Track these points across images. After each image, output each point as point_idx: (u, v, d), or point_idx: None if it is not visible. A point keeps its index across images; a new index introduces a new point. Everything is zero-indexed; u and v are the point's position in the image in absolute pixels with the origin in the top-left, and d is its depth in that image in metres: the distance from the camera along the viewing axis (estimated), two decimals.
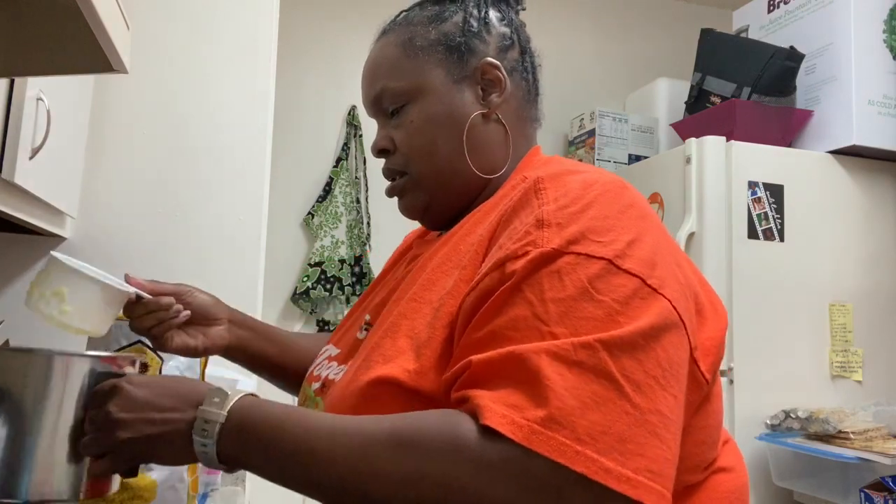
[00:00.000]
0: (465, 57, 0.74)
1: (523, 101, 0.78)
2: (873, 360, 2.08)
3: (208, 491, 1.24)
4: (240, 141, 1.66)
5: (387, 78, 0.75)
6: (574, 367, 0.51)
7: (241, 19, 1.71)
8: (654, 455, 0.50)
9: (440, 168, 0.74)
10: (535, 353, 0.51)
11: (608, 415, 0.49)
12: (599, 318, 0.53)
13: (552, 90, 3.23)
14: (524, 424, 0.49)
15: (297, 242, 2.66)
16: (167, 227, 1.62)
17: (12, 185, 1.08)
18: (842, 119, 2.11)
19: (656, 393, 0.51)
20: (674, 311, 0.55)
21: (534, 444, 0.48)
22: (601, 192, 0.60)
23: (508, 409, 0.50)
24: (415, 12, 0.78)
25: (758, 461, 1.91)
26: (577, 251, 0.55)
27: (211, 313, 0.87)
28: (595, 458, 0.48)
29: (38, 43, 0.90)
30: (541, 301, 0.54)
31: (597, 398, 0.50)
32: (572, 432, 0.48)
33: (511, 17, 0.79)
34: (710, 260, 1.98)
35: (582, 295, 0.54)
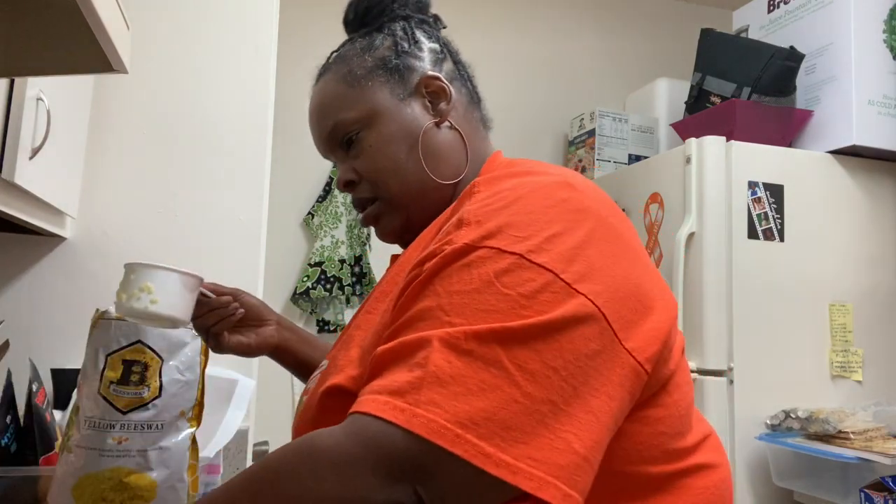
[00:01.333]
0: (405, 75, 0.78)
1: (469, 105, 0.81)
2: (873, 360, 2.08)
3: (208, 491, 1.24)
4: (240, 141, 1.66)
5: (336, 112, 0.78)
6: (463, 356, 0.51)
7: (242, 19, 1.71)
8: (539, 444, 0.50)
9: (408, 183, 0.76)
10: (427, 340, 0.53)
11: (493, 402, 0.50)
12: (501, 310, 0.53)
13: (552, 90, 3.24)
14: (405, 408, 0.50)
15: (297, 242, 2.66)
16: (167, 227, 1.62)
17: (12, 185, 1.08)
18: (842, 119, 2.11)
19: (552, 383, 0.52)
20: (590, 305, 0.55)
21: (413, 426, 0.49)
22: (532, 190, 0.61)
23: (390, 395, 0.51)
24: (346, 48, 0.82)
25: (758, 461, 1.91)
26: (489, 245, 0.56)
27: (262, 314, 0.93)
28: (474, 443, 0.48)
29: (38, 43, 0.90)
30: (447, 293, 0.55)
31: (483, 386, 0.50)
32: (453, 416, 0.49)
33: (437, 35, 0.84)
34: (710, 260, 1.98)
35: (486, 287, 0.54)
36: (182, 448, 0.95)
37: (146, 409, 0.92)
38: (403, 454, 0.49)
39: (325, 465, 0.50)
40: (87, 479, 0.89)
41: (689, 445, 0.64)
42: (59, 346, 1.52)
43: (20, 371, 1.23)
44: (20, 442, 1.17)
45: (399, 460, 0.49)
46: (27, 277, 1.55)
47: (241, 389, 1.32)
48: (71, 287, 1.55)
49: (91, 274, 1.57)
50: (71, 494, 0.89)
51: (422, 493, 0.50)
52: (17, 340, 1.34)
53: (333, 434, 0.51)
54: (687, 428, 0.65)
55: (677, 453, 0.63)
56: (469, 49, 3.08)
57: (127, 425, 0.91)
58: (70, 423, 0.94)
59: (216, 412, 1.20)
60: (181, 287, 0.79)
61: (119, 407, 0.91)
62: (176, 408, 0.95)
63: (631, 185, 2.34)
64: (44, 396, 1.22)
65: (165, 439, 0.93)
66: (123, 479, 0.90)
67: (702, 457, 0.65)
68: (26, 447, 1.17)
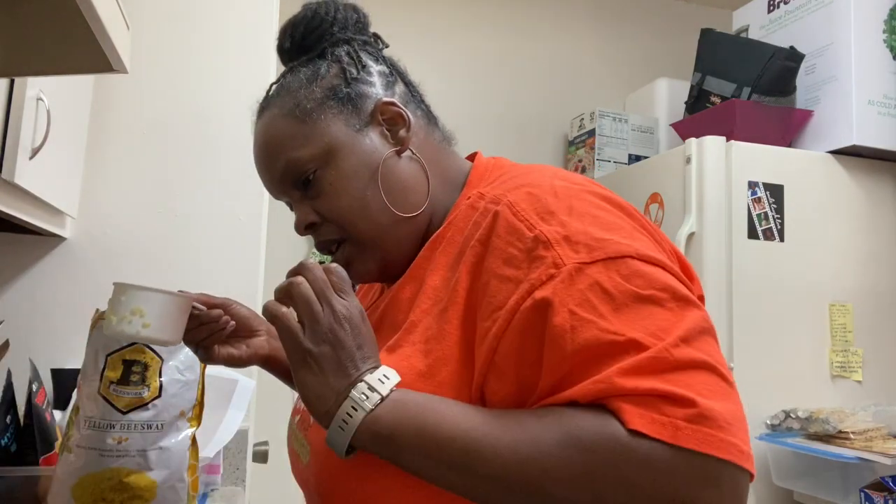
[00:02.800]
0: (357, 104, 0.72)
1: (427, 127, 0.77)
2: (873, 360, 2.08)
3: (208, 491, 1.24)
4: (240, 141, 1.67)
5: (287, 151, 0.71)
6: (677, 369, 0.53)
7: (242, 19, 1.71)
8: (745, 425, 0.54)
9: (377, 220, 0.71)
10: (634, 377, 0.52)
11: (725, 399, 0.53)
12: (657, 312, 0.55)
13: (552, 90, 3.23)
14: (667, 422, 0.51)
15: (297, 242, 2.66)
16: (167, 227, 1.62)
17: (12, 185, 1.08)
18: (842, 119, 2.11)
19: (724, 366, 0.56)
20: (683, 283, 0.60)
21: (680, 440, 0.50)
22: (568, 188, 0.64)
23: (646, 410, 0.51)
24: (288, 79, 0.75)
25: (758, 461, 1.91)
26: (599, 258, 0.57)
27: (252, 325, 0.88)
28: (734, 443, 0.51)
29: (38, 43, 0.90)
30: (600, 317, 0.54)
31: (709, 387, 0.53)
32: (714, 422, 0.51)
33: (382, 56, 0.79)
34: (710, 260, 1.98)
35: (629, 297, 0.56)
36: (182, 448, 0.95)
37: (146, 409, 0.93)
38: (685, 468, 0.51)
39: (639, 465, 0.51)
40: (87, 479, 0.89)
41: None
42: (59, 346, 1.52)
43: (20, 371, 1.24)
44: (20, 442, 1.17)
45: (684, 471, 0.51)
46: (27, 277, 1.55)
47: (241, 389, 1.32)
48: (71, 287, 1.55)
49: (91, 274, 1.57)
50: (71, 494, 0.89)
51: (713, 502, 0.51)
52: (17, 340, 1.34)
53: (631, 438, 0.51)
54: None
55: None
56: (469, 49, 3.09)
57: (127, 425, 0.91)
58: (70, 423, 0.94)
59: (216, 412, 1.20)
60: (174, 309, 0.76)
61: (119, 407, 0.91)
62: (176, 408, 0.95)
63: (631, 185, 2.34)
64: (44, 396, 1.22)
65: (165, 439, 0.93)
66: (123, 479, 0.90)
67: None
68: (26, 447, 1.17)
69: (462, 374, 0.60)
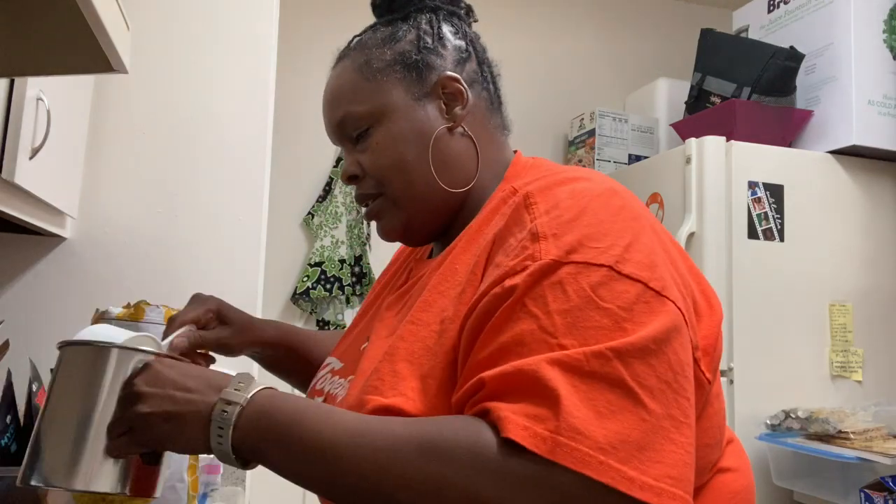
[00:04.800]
0: (423, 74, 0.74)
1: (487, 110, 0.78)
2: (873, 360, 2.08)
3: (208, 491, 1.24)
4: (240, 141, 1.66)
5: (347, 104, 0.75)
6: (587, 378, 0.51)
7: (242, 19, 1.71)
8: (672, 461, 0.50)
9: (413, 184, 0.73)
10: (548, 366, 0.51)
11: (625, 423, 0.50)
12: (607, 326, 0.53)
13: (552, 90, 3.23)
14: (546, 436, 0.49)
15: (297, 242, 2.66)
16: (167, 227, 1.62)
17: (12, 185, 1.08)
18: (842, 119, 2.11)
19: (668, 397, 0.52)
20: (678, 313, 0.56)
21: (557, 455, 0.48)
22: (592, 199, 0.61)
23: (529, 420, 0.50)
24: (368, 35, 0.78)
25: (758, 461, 1.91)
26: (576, 260, 0.55)
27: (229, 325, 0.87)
28: (618, 468, 0.48)
29: (38, 43, 0.90)
30: (546, 314, 0.54)
31: (612, 407, 0.50)
32: (594, 442, 0.48)
33: (465, 30, 0.79)
34: (710, 260, 1.98)
35: (587, 304, 0.54)
36: None
37: None
38: (553, 484, 0.49)
39: (491, 472, 0.50)
40: None
41: (722, 454, 0.65)
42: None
43: (20, 371, 1.23)
44: (20, 442, 1.16)
45: (550, 491, 0.49)
46: (27, 277, 1.55)
47: None
48: (71, 287, 1.55)
49: (91, 274, 1.57)
50: (71, 495, 0.89)
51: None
52: (17, 340, 1.34)
53: (493, 445, 0.51)
54: (723, 438, 0.66)
55: (714, 463, 0.63)
56: None
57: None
58: None
59: None
60: None
61: None
62: None
63: (631, 185, 2.34)
64: (44, 396, 1.22)
65: None
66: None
67: (726, 461, 0.65)
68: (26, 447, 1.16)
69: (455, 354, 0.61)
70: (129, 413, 0.59)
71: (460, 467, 0.50)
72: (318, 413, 0.57)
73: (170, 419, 0.58)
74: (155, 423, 0.59)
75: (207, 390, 0.58)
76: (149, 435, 0.59)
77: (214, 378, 0.60)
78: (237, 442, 0.56)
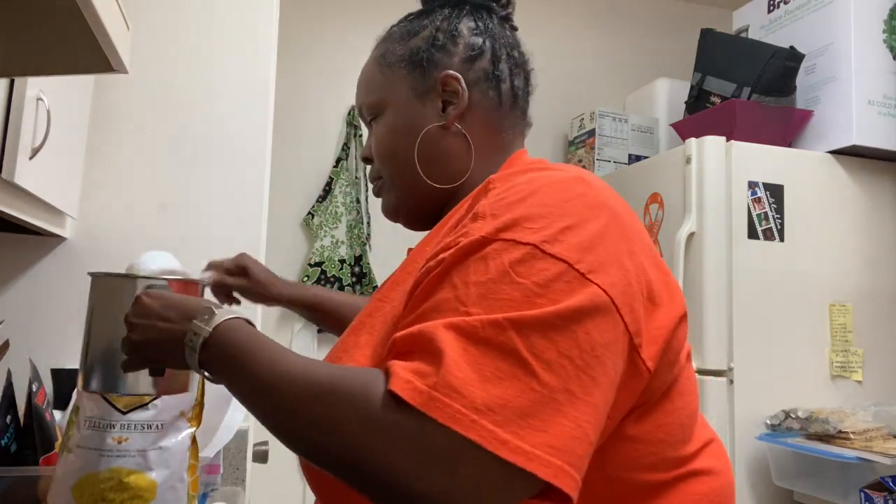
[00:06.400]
0: (427, 71, 0.77)
1: (492, 110, 0.78)
2: (873, 360, 2.08)
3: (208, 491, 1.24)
4: (240, 141, 1.66)
5: (364, 92, 0.82)
6: (480, 344, 0.52)
7: (241, 19, 1.71)
8: (557, 432, 0.50)
9: (401, 175, 0.79)
10: (444, 329, 0.53)
11: (510, 390, 0.50)
12: (516, 299, 0.53)
13: (552, 90, 3.23)
14: (423, 391, 0.50)
15: (297, 242, 2.66)
16: (167, 227, 1.62)
17: (12, 185, 1.08)
18: (842, 119, 2.11)
19: (568, 373, 0.52)
20: (603, 296, 0.55)
21: (430, 409, 0.49)
22: (547, 184, 0.61)
23: (412, 375, 0.51)
24: (395, 28, 0.83)
25: (758, 461, 1.91)
26: (504, 237, 0.57)
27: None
28: (490, 429, 0.49)
29: (38, 43, 0.90)
30: (464, 284, 0.56)
31: (500, 373, 0.51)
32: (470, 402, 0.49)
33: (487, 26, 0.80)
34: (710, 260, 1.98)
35: (502, 277, 0.55)
36: (182, 448, 0.95)
37: (146, 409, 0.93)
38: (423, 438, 0.50)
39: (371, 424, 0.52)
40: (87, 479, 0.89)
41: (689, 453, 0.64)
42: (59, 346, 1.52)
43: (20, 371, 1.23)
44: (20, 442, 1.17)
45: (424, 446, 0.50)
46: (27, 277, 1.55)
47: None
48: (71, 287, 1.55)
49: None
50: (71, 494, 0.89)
51: (440, 481, 0.49)
52: (17, 340, 1.34)
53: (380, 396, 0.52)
54: (688, 436, 0.64)
55: (675, 461, 0.62)
56: None
57: (127, 425, 0.91)
58: (70, 423, 0.94)
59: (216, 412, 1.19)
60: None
61: (119, 407, 0.91)
62: (176, 408, 0.95)
63: (631, 185, 2.34)
64: (44, 396, 1.22)
65: (165, 439, 0.93)
66: (123, 479, 0.90)
67: (701, 462, 0.64)
68: (26, 447, 1.17)
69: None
70: (126, 339, 0.73)
71: (347, 413, 0.53)
72: (264, 349, 0.62)
73: (154, 344, 0.70)
74: (144, 347, 0.71)
75: (182, 319, 0.68)
76: (143, 355, 0.73)
77: (190, 307, 0.69)
78: (202, 364, 0.66)
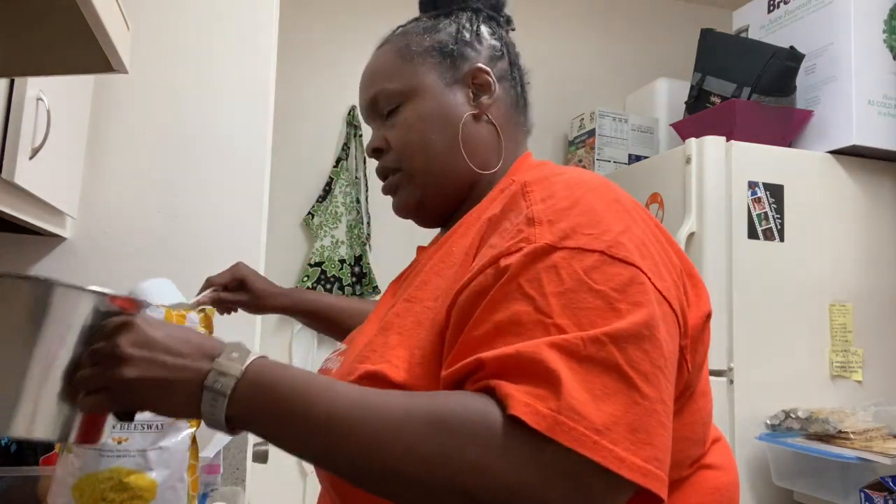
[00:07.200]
0: (457, 62, 0.79)
1: (512, 107, 0.83)
2: (873, 360, 2.08)
3: (208, 491, 1.24)
4: (240, 141, 1.67)
5: (383, 81, 0.80)
6: (584, 362, 0.52)
7: (242, 19, 1.71)
8: (660, 444, 0.52)
9: (432, 163, 0.77)
10: (547, 349, 0.53)
11: (619, 406, 0.51)
12: (600, 307, 0.54)
13: (552, 90, 3.22)
14: (547, 415, 0.50)
15: (297, 242, 2.66)
16: (167, 227, 1.62)
17: (12, 185, 1.08)
18: (842, 119, 2.11)
19: (661, 382, 0.53)
20: (665, 302, 0.58)
21: (556, 433, 0.50)
22: (587, 190, 0.63)
23: (532, 399, 0.51)
24: (412, 25, 0.84)
25: (758, 461, 1.91)
26: (570, 246, 0.57)
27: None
28: (610, 448, 0.49)
29: (38, 43, 0.90)
30: (541, 295, 0.55)
31: (607, 390, 0.51)
32: (590, 423, 0.50)
33: (501, 34, 0.85)
34: (710, 260, 1.98)
35: (580, 286, 0.55)
36: (182, 448, 0.95)
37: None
38: (551, 461, 0.50)
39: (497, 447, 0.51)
40: (87, 479, 0.89)
41: (705, 451, 0.66)
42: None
43: None
44: (20, 442, 1.17)
45: (548, 467, 0.50)
46: None
47: None
48: None
49: (91, 274, 1.57)
50: (71, 494, 0.89)
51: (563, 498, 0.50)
52: None
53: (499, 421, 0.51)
54: (707, 435, 0.67)
55: (695, 459, 0.64)
56: None
57: (127, 425, 0.91)
58: None
59: None
60: None
61: None
62: None
63: (631, 185, 2.34)
64: None
65: (165, 439, 0.93)
66: (123, 479, 0.90)
67: (711, 458, 0.66)
68: (26, 447, 1.17)
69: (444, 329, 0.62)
70: (109, 374, 0.56)
71: (468, 440, 0.51)
72: (318, 385, 0.55)
73: (158, 385, 0.56)
74: (140, 388, 0.56)
75: (199, 357, 0.56)
76: (130, 398, 0.57)
77: (204, 343, 0.58)
78: (231, 412, 0.55)
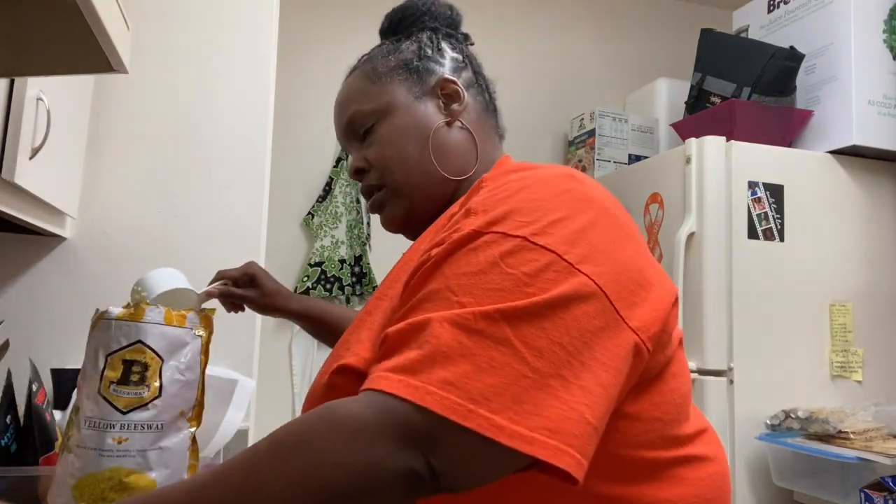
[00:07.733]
0: (423, 76, 0.83)
1: (483, 112, 0.85)
2: (873, 360, 2.08)
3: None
4: (240, 141, 1.67)
5: (355, 104, 0.84)
6: (474, 335, 0.53)
7: (242, 19, 1.71)
8: (552, 415, 0.51)
9: (412, 175, 0.80)
10: (437, 321, 0.54)
11: (504, 378, 0.51)
12: (506, 288, 0.55)
13: (552, 90, 3.23)
14: (419, 386, 0.50)
15: (297, 242, 2.66)
16: (167, 227, 1.62)
17: (12, 185, 1.08)
18: (842, 119, 2.11)
19: (560, 358, 0.53)
20: (591, 284, 0.56)
21: (427, 402, 0.50)
22: (536, 180, 0.63)
23: (403, 373, 0.52)
24: (375, 51, 0.88)
25: (758, 461, 1.91)
26: (495, 230, 0.58)
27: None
28: (487, 416, 0.49)
29: (38, 43, 0.90)
30: (455, 275, 0.57)
31: (493, 363, 0.52)
32: (465, 393, 0.50)
33: (461, 48, 0.89)
34: (710, 260, 1.98)
35: (492, 268, 0.56)
36: (182, 448, 0.95)
37: (146, 410, 0.92)
38: (417, 427, 0.50)
39: (344, 432, 0.50)
40: (87, 479, 0.89)
41: (687, 434, 0.65)
42: (59, 346, 1.52)
43: (20, 371, 1.23)
44: (20, 442, 1.17)
45: (412, 432, 0.50)
46: (27, 277, 1.55)
47: (241, 389, 1.32)
48: (71, 287, 1.55)
49: (91, 274, 1.57)
50: (71, 494, 0.89)
51: (434, 464, 0.50)
52: (17, 340, 1.34)
53: (350, 404, 0.52)
54: (684, 417, 0.66)
55: (674, 440, 0.64)
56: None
57: (127, 425, 0.91)
58: (70, 424, 0.94)
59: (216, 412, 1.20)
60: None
61: (119, 407, 0.91)
62: (176, 408, 0.95)
63: (631, 185, 2.34)
64: (44, 396, 1.22)
65: (165, 439, 0.93)
66: (123, 479, 0.90)
67: (698, 448, 0.66)
68: (26, 447, 1.17)
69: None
70: None
71: (314, 443, 0.50)
72: (165, 490, 0.53)
73: None
74: None
75: None
76: None
77: None
78: None
